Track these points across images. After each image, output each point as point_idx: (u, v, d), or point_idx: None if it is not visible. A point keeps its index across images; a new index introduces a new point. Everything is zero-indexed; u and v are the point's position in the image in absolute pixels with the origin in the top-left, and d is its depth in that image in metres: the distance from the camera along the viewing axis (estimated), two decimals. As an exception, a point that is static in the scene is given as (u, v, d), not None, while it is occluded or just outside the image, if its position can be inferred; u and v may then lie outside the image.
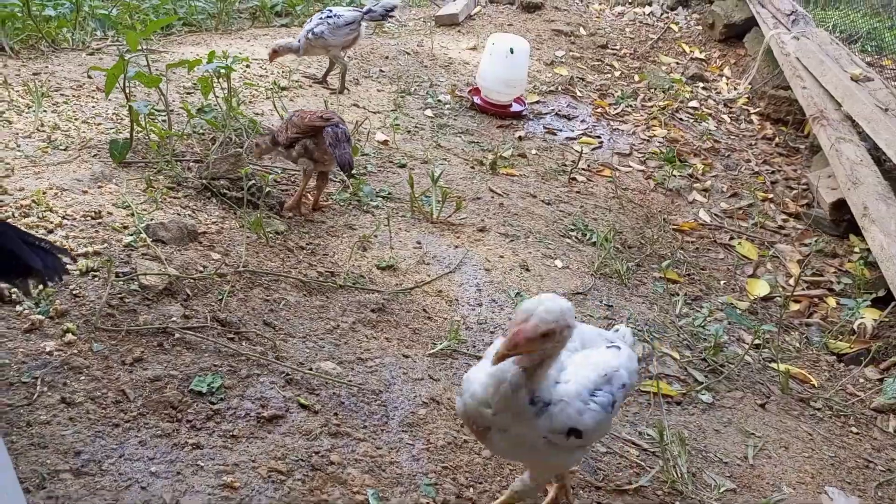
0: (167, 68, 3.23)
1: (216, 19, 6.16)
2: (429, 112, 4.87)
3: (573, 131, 5.09)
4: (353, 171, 3.29)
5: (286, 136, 3.12)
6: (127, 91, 2.98)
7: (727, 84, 6.19)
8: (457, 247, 3.28)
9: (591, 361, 1.68)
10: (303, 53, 4.62)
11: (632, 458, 2.23)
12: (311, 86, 4.81)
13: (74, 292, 2.05)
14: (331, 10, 4.65)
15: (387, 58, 5.60)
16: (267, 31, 5.96)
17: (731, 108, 5.86)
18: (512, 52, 4.85)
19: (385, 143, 4.19)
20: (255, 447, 1.77)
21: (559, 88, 5.63)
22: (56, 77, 3.91)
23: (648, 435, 2.34)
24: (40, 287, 1.85)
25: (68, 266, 1.56)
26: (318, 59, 5.07)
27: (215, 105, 3.80)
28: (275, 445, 1.79)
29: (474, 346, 2.64)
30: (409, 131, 4.47)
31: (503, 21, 6.68)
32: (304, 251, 2.90)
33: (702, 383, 2.70)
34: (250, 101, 4.31)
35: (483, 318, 2.82)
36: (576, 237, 3.66)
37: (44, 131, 3.11)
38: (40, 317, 1.92)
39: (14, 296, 1.94)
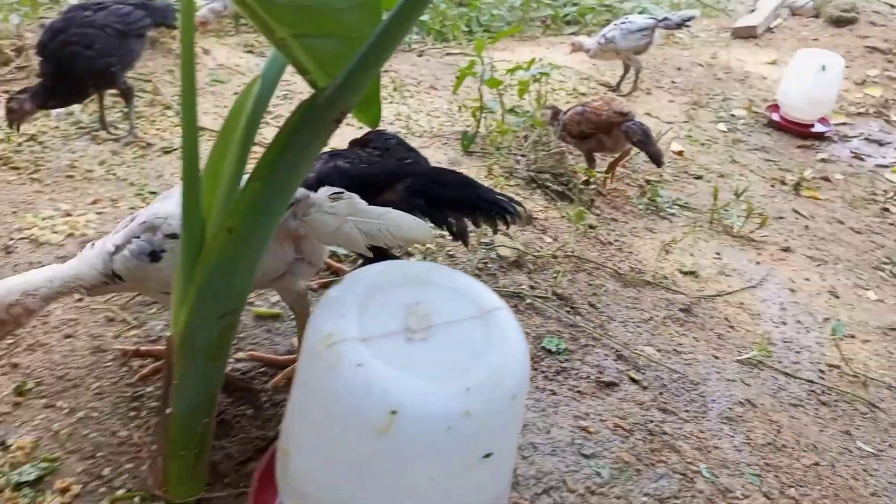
0: (507, 73, 3.68)
1: (514, 27, 6.70)
2: (721, 126, 4.84)
3: (885, 158, 4.69)
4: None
5: (578, 129, 3.39)
6: (479, 90, 3.48)
7: None
8: (758, 263, 3.28)
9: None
10: (593, 56, 4.88)
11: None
12: (606, 93, 5.05)
13: (450, 253, 2.51)
14: (626, 18, 4.85)
15: (679, 69, 5.64)
16: (560, 39, 6.33)
17: None
18: (824, 69, 4.61)
19: (680, 153, 4.28)
20: (597, 404, 2.05)
21: (870, 111, 5.20)
22: (399, 75, 4.62)
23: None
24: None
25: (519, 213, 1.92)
26: (613, 67, 5.29)
27: (527, 106, 4.22)
28: (614, 407, 2.05)
29: (780, 362, 2.66)
30: (702, 144, 4.50)
31: (807, 35, 6.31)
32: (613, 246, 3.14)
33: None
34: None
35: (788, 337, 2.82)
36: (890, 271, 3.43)
37: (402, 120, 3.74)
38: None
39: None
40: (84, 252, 1.65)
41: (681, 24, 4.94)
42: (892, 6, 6.78)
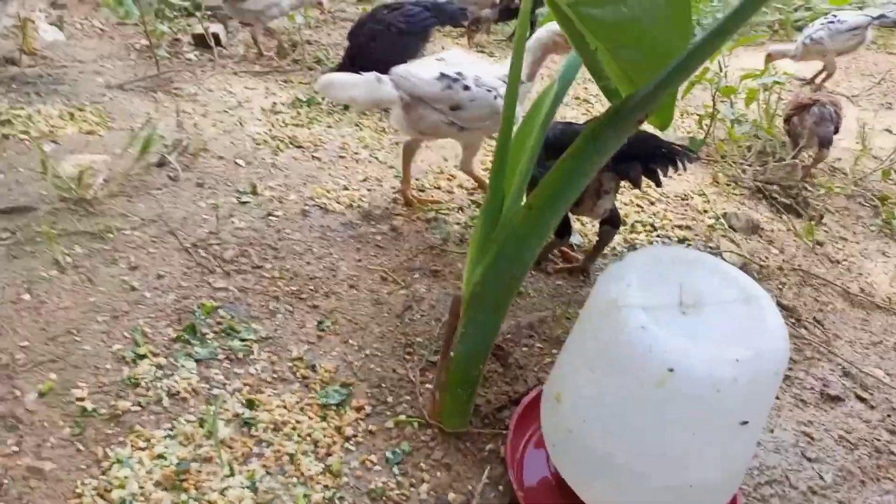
0: (741, 80, 3.68)
1: (752, 36, 6.51)
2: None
3: None
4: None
5: (786, 113, 3.48)
6: (714, 96, 3.53)
7: None
8: None
9: None
10: (799, 59, 4.63)
11: None
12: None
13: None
14: (835, 16, 4.52)
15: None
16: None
17: None
18: None
19: (925, 178, 3.96)
20: (821, 415, 2.09)
21: None
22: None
23: None
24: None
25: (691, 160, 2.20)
26: (849, 78, 4.98)
27: (752, 115, 4.14)
28: (839, 420, 2.07)
29: None
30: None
31: None
32: (842, 265, 3.06)
33: None
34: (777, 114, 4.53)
35: None
36: None
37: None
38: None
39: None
40: None
41: None
42: None
